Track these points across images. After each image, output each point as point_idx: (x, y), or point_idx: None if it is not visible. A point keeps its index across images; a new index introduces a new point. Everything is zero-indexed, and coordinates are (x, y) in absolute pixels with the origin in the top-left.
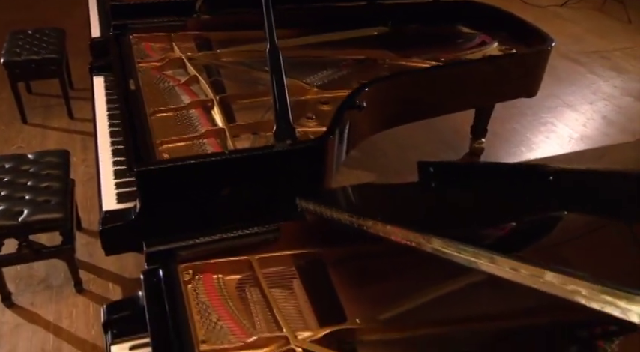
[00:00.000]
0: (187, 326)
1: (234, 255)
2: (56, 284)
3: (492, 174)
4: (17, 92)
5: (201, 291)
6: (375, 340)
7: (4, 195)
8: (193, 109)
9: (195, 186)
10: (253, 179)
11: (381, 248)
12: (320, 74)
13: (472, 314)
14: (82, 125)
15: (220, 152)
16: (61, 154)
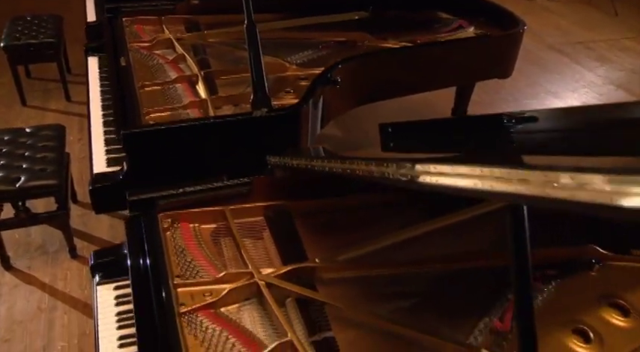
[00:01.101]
0: (164, 263)
1: (209, 205)
2: (52, 250)
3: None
4: (17, 76)
5: (179, 237)
6: (332, 278)
7: (2, 163)
8: (179, 84)
9: (177, 148)
10: (231, 142)
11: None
12: (301, 54)
13: (424, 258)
14: (79, 107)
15: (201, 117)
16: (57, 128)
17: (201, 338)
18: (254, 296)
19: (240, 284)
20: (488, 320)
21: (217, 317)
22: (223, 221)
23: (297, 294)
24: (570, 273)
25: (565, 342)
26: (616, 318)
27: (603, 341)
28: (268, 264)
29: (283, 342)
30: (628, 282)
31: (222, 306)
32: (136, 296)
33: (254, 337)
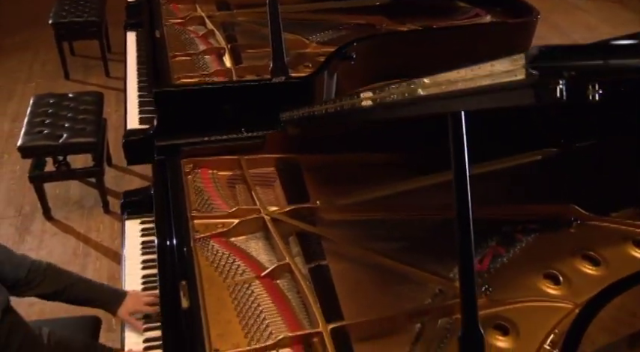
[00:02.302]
0: (184, 199)
1: (227, 154)
2: (87, 205)
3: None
4: (62, 52)
5: (198, 180)
6: (331, 220)
7: (47, 122)
8: (207, 55)
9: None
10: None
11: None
12: (321, 33)
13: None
14: (117, 82)
15: (224, 81)
16: (96, 95)
17: (211, 259)
18: (260, 231)
19: (248, 218)
20: None
21: (227, 244)
22: (239, 169)
23: (298, 229)
24: (550, 229)
25: (536, 284)
26: (587, 268)
27: (571, 284)
28: (275, 205)
29: (282, 264)
30: (603, 240)
31: (232, 236)
32: (158, 227)
33: (257, 261)
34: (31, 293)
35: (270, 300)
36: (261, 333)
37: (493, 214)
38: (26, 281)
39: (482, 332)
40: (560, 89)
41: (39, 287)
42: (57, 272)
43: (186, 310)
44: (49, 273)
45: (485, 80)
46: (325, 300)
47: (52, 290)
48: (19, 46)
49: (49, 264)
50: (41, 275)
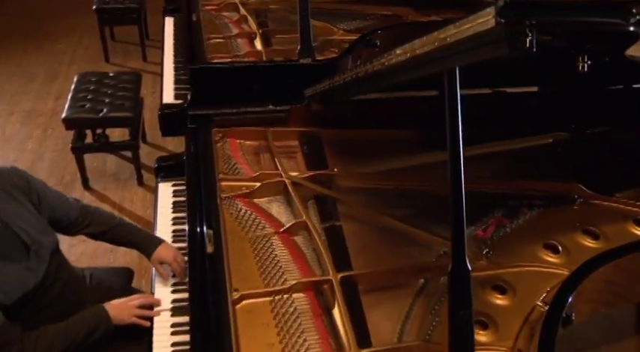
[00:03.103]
0: (212, 164)
1: (255, 126)
2: (123, 177)
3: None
4: (104, 36)
5: (227, 148)
6: (347, 186)
7: (89, 98)
8: (240, 38)
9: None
10: (278, 83)
11: (366, 135)
12: (348, 22)
13: (429, 179)
14: (154, 67)
15: (253, 60)
16: (134, 75)
17: (235, 215)
18: (281, 194)
19: (270, 181)
20: (473, 228)
21: (250, 204)
22: (264, 140)
23: (316, 192)
24: (554, 205)
25: (536, 252)
26: (586, 241)
27: (570, 254)
28: (296, 171)
29: (299, 222)
30: (605, 218)
31: (255, 197)
32: (189, 185)
33: (277, 220)
34: (81, 232)
35: (286, 252)
36: (277, 279)
37: (501, 189)
38: (77, 222)
39: (470, 267)
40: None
41: (88, 227)
42: (104, 214)
43: (210, 254)
44: (97, 216)
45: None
46: (336, 254)
47: (99, 230)
48: (64, 31)
49: (97, 207)
50: (90, 217)
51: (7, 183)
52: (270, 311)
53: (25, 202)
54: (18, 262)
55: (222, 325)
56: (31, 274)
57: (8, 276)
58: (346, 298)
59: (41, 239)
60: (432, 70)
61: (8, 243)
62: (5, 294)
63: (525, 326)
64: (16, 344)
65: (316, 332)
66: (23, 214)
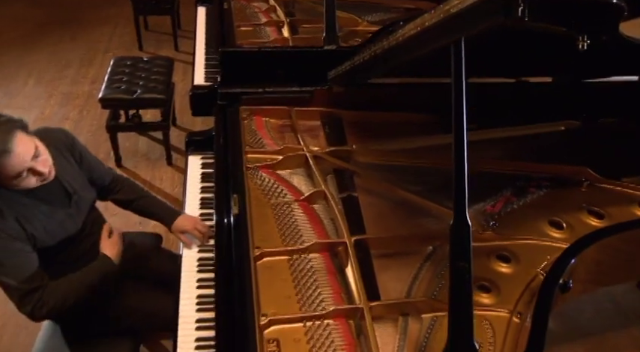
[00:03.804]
0: (240, 137)
1: (280, 105)
2: (153, 157)
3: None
4: (138, 26)
5: (253, 124)
6: (365, 162)
7: (124, 80)
8: (268, 26)
9: (260, 66)
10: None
11: (383, 117)
12: (373, 14)
13: (441, 158)
14: (185, 56)
15: (280, 45)
16: (167, 60)
17: (259, 184)
18: (303, 167)
19: (293, 154)
20: (483, 204)
21: (273, 174)
22: (289, 119)
23: (335, 165)
24: (562, 186)
25: (541, 227)
26: (591, 220)
27: (573, 231)
28: (317, 147)
29: (318, 191)
30: (610, 200)
31: (278, 169)
32: (217, 156)
33: (297, 189)
34: (110, 197)
35: (305, 218)
36: (296, 240)
37: (511, 170)
38: (109, 187)
39: (470, 224)
40: (521, 10)
41: (118, 193)
42: (133, 184)
43: (235, 215)
44: (126, 184)
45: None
46: (352, 220)
47: (127, 198)
48: (101, 20)
49: (128, 178)
50: (120, 184)
51: (56, 141)
52: (288, 268)
53: (70, 158)
54: (62, 208)
55: (245, 279)
56: (71, 221)
57: (53, 220)
58: (359, 259)
59: (81, 192)
60: (441, 42)
61: (55, 192)
62: (50, 235)
63: (526, 292)
64: (37, 293)
65: (330, 287)
66: (67, 168)
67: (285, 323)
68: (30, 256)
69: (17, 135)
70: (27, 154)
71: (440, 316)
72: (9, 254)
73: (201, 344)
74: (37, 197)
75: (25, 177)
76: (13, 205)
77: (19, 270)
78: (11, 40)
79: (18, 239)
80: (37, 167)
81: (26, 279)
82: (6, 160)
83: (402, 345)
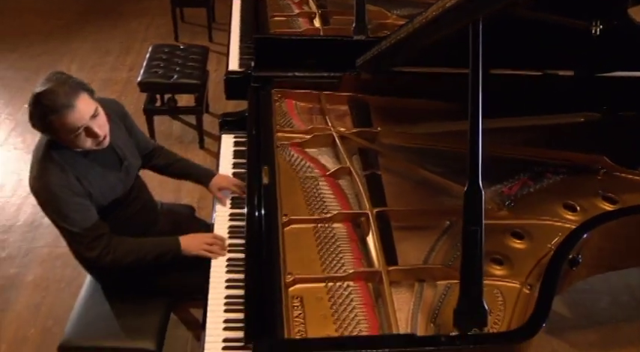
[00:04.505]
0: (271, 116)
1: (310, 89)
2: (186, 141)
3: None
4: (175, 17)
5: (284, 106)
6: (388, 143)
7: (162, 65)
8: (300, 18)
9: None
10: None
11: (408, 103)
12: (402, 9)
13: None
14: (219, 47)
15: (311, 34)
16: (202, 48)
17: (287, 159)
18: (330, 147)
19: (320, 134)
20: (500, 186)
21: (301, 152)
22: (318, 103)
23: (360, 145)
24: (578, 173)
25: (555, 209)
26: (605, 205)
27: (586, 213)
28: (344, 126)
29: (343, 167)
30: (626, 188)
31: (306, 147)
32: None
33: (324, 166)
34: (151, 163)
35: (330, 191)
36: (321, 210)
37: (530, 156)
38: (150, 154)
39: (482, 191)
40: None
41: (157, 158)
42: (168, 151)
43: (265, 185)
44: (164, 151)
45: None
46: (374, 194)
47: (165, 162)
48: (139, 12)
49: (163, 146)
50: (158, 151)
51: (111, 109)
52: (313, 235)
53: (122, 126)
54: (114, 172)
55: (273, 241)
56: (121, 184)
57: (106, 182)
58: (379, 229)
59: (131, 158)
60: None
61: (108, 156)
62: (103, 195)
63: (537, 267)
64: (104, 240)
65: (351, 253)
66: (120, 135)
67: (309, 282)
68: (91, 209)
69: (82, 94)
70: (87, 113)
71: (454, 283)
72: (72, 207)
73: (230, 300)
74: (93, 159)
75: (81, 134)
76: (73, 164)
77: (84, 221)
78: (55, 29)
79: (78, 194)
80: (93, 127)
81: (91, 227)
82: (68, 114)
83: (416, 308)
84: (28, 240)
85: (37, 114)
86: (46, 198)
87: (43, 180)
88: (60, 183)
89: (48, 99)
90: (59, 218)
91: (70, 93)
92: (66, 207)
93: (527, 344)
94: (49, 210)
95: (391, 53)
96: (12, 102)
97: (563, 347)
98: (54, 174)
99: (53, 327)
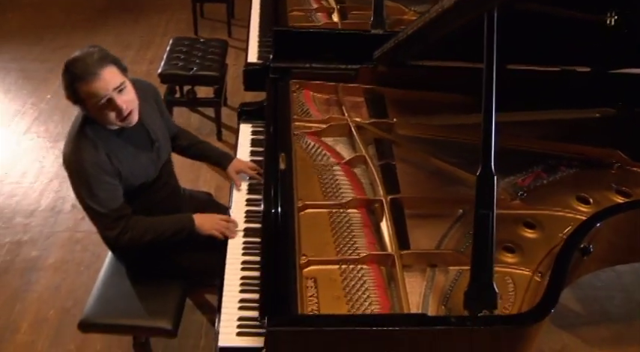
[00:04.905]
0: (289, 106)
1: (327, 81)
2: (204, 132)
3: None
4: (195, 13)
5: (301, 97)
6: (403, 134)
7: (182, 58)
8: (319, 12)
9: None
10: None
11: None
12: (420, 6)
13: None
14: (238, 43)
15: (330, 27)
16: (222, 42)
17: (304, 147)
18: (346, 136)
19: (337, 124)
20: (513, 178)
21: (318, 140)
22: (335, 95)
23: (376, 135)
24: (592, 167)
25: (568, 201)
26: (619, 198)
27: (599, 206)
28: (359, 117)
29: (359, 156)
30: None
31: (323, 136)
32: (267, 121)
33: (340, 155)
34: (173, 144)
35: (346, 179)
36: (336, 196)
37: (544, 149)
38: (175, 136)
39: (495, 174)
40: None
41: (180, 140)
42: (190, 133)
43: (282, 171)
44: (185, 133)
45: None
46: (389, 182)
47: (186, 143)
48: (160, 8)
49: (185, 129)
50: (182, 133)
51: (145, 90)
52: (328, 220)
53: (155, 107)
54: (145, 152)
55: (288, 226)
56: (152, 166)
57: (138, 162)
58: (393, 216)
59: (162, 140)
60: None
61: (141, 136)
62: (133, 176)
63: (549, 256)
64: (124, 221)
65: (365, 238)
66: (152, 116)
67: (323, 264)
68: (118, 190)
69: (109, 66)
70: (111, 84)
71: (465, 269)
72: (101, 185)
73: (246, 281)
74: (126, 138)
75: (105, 106)
76: (105, 141)
77: (109, 200)
78: (78, 23)
79: (108, 173)
80: (116, 99)
81: (115, 208)
82: (92, 81)
83: (428, 292)
84: (49, 224)
85: (66, 82)
86: (77, 174)
87: (76, 155)
88: (92, 161)
89: (75, 66)
90: (86, 195)
91: (97, 63)
92: (94, 184)
93: (536, 328)
94: (78, 185)
95: (409, 44)
96: (36, 92)
97: (575, 342)
98: (87, 151)
99: (72, 308)
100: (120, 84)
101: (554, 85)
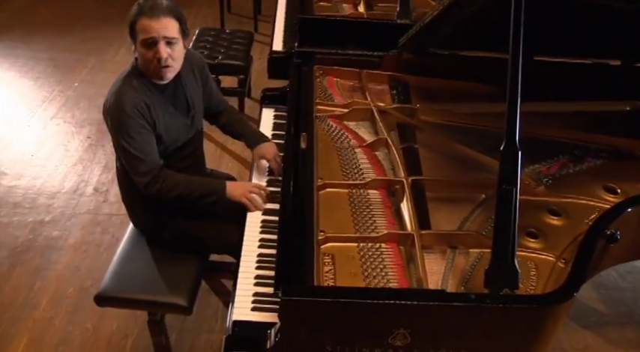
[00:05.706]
0: (312, 89)
1: (351, 67)
2: None
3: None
4: (222, 7)
5: (324, 82)
6: (426, 120)
7: (208, 47)
8: (345, 3)
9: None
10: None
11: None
12: None
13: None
14: (263, 38)
15: (355, 17)
16: (247, 33)
17: (326, 129)
18: (368, 121)
19: (359, 107)
20: (538, 166)
21: (340, 124)
22: (359, 81)
23: (399, 120)
24: (619, 159)
25: (594, 191)
26: None
27: (628, 196)
28: (383, 102)
29: (381, 138)
30: None
31: (345, 120)
32: (290, 103)
33: (362, 138)
34: (214, 120)
35: (366, 160)
36: (356, 176)
37: (572, 139)
38: (220, 110)
39: (519, 148)
40: None
41: (223, 114)
42: (233, 108)
43: (303, 150)
44: (229, 108)
45: None
46: (410, 165)
47: (226, 120)
48: (187, 2)
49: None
50: (225, 109)
51: (192, 59)
52: (347, 199)
53: (197, 77)
54: (182, 116)
55: (307, 203)
56: (184, 131)
57: (174, 122)
58: (414, 196)
59: (198, 109)
60: None
61: (180, 98)
62: (166, 133)
63: (573, 243)
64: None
65: (384, 218)
66: (193, 85)
67: (341, 241)
68: (152, 136)
69: (172, 18)
70: (164, 30)
71: (487, 252)
72: (137, 128)
73: (263, 258)
74: (168, 97)
75: (149, 44)
76: (148, 93)
77: (145, 144)
78: (108, 15)
79: (145, 118)
80: (161, 47)
81: (148, 152)
82: (150, 19)
83: (447, 274)
84: (71, 206)
85: (133, 14)
86: (116, 116)
87: (117, 97)
88: (131, 103)
89: (146, 3)
90: (121, 135)
91: (164, 9)
92: (132, 126)
93: (557, 313)
94: (115, 125)
95: (433, 27)
96: (64, 80)
97: (598, 341)
98: (128, 95)
99: (90, 288)
100: (172, 37)
101: (584, 77)
